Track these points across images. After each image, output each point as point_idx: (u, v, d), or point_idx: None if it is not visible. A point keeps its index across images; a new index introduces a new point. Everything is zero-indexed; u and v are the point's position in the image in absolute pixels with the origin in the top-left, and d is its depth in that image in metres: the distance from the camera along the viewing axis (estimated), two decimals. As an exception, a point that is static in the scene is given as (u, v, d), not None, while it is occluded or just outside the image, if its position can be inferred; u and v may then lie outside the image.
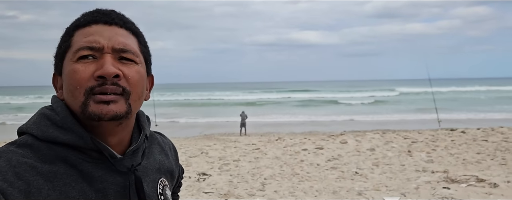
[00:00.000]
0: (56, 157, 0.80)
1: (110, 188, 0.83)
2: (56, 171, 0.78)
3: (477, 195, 5.88)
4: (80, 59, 0.82)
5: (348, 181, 7.11)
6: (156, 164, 0.98)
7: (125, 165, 0.87)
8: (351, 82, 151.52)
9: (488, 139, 10.90)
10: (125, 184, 0.85)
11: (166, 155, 1.05)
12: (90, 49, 0.82)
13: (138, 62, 0.87)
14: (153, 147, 1.02)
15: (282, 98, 48.19)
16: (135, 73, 0.85)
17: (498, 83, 78.05)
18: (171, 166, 1.05)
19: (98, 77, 0.80)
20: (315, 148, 10.25)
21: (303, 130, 17.63)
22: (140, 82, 0.86)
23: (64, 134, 0.81)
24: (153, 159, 0.98)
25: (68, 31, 0.88)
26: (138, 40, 0.91)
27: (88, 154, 0.83)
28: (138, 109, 0.90)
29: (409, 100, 39.81)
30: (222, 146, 11.03)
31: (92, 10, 0.89)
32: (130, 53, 0.85)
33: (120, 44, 0.84)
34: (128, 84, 0.83)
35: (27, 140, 0.81)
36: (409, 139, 11.22)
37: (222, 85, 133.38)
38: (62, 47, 0.87)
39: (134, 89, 0.84)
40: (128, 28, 0.89)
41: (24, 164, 0.76)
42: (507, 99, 38.06)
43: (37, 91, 64.39)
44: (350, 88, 68.71)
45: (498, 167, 7.93)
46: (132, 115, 0.87)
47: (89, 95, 0.80)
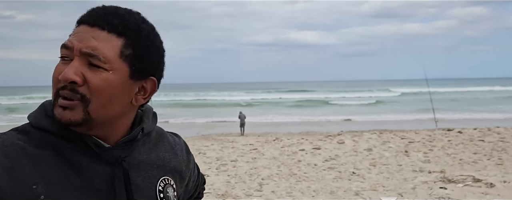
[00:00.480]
0: (47, 144, 0.84)
1: (97, 176, 0.85)
2: (44, 156, 0.82)
3: (474, 195, 5.90)
4: (61, 57, 0.84)
5: (345, 181, 7.12)
6: (159, 161, 0.97)
7: (114, 155, 0.87)
8: (349, 82, 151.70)
9: (485, 139, 10.93)
10: (113, 174, 0.86)
11: (174, 154, 1.03)
12: (66, 49, 0.83)
13: (108, 68, 0.82)
14: (160, 144, 1.01)
15: (280, 98, 48.21)
16: (99, 80, 0.81)
17: (495, 83, 78.32)
18: (179, 166, 1.03)
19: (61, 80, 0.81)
20: (313, 148, 10.26)
21: (300, 130, 17.65)
22: (104, 90, 0.82)
23: (52, 124, 0.85)
24: (156, 155, 0.97)
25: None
26: (123, 43, 0.84)
27: (75, 144, 0.85)
28: (111, 115, 0.86)
29: (407, 100, 39.90)
30: (219, 147, 11.03)
31: (94, 7, 0.87)
32: (97, 59, 0.81)
33: (88, 48, 0.81)
34: (89, 91, 0.81)
35: (26, 127, 0.86)
36: (406, 139, 11.25)
37: (220, 85, 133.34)
38: None
39: (96, 97, 0.81)
40: (112, 30, 0.83)
41: (16, 145, 0.82)
42: (503, 99, 38.20)
43: (34, 91, 64.21)
44: (348, 88, 68.81)
45: (495, 167, 7.96)
46: (99, 121, 0.84)
47: (57, 96, 0.82)
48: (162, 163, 0.98)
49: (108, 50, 0.82)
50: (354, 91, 60.93)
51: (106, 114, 0.84)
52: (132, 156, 0.91)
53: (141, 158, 0.93)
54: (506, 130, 12.34)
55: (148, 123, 0.97)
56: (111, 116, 0.86)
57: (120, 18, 0.84)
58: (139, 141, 0.94)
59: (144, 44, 0.86)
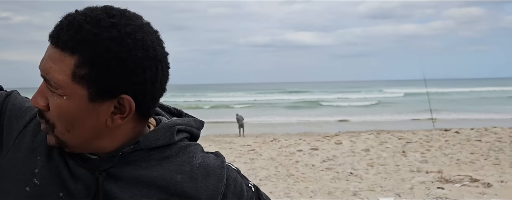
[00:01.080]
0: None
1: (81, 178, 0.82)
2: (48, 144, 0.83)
3: (471, 195, 5.92)
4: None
5: (343, 181, 7.12)
6: (161, 181, 0.83)
7: (96, 165, 0.81)
8: (346, 82, 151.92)
9: (482, 139, 10.96)
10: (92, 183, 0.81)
11: (192, 178, 0.85)
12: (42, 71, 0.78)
13: (60, 94, 0.74)
14: (174, 162, 0.86)
15: (277, 99, 48.23)
16: (55, 107, 0.76)
17: (491, 84, 78.60)
18: (195, 193, 0.84)
19: None
20: (310, 149, 10.27)
21: (298, 131, 17.65)
22: (61, 115, 0.76)
23: None
24: (160, 174, 0.83)
25: None
26: (77, 61, 0.72)
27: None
28: (80, 139, 0.79)
29: (404, 100, 39.99)
30: (217, 148, 11.02)
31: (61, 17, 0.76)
32: (49, 84, 0.75)
33: (43, 71, 0.75)
34: (50, 117, 0.77)
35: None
36: (404, 140, 11.27)
37: (217, 86, 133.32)
38: None
39: (56, 122, 0.77)
40: (65, 48, 0.72)
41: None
42: (500, 99, 38.34)
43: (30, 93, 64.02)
44: (345, 89, 68.91)
45: (492, 167, 7.98)
46: (74, 144, 0.80)
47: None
48: (166, 184, 0.83)
49: (58, 74, 0.73)
50: (351, 91, 61.03)
51: (75, 138, 0.78)
52: (124, 169, 0.82)
53: (136, 173, 0.82)
54: (503, 130, 12.38)
55: (150, 137, 0.83)
56: (83, 139, 0.79)
57: (76, 30, 0.72)
58: (134, 155, 0.83)
59: (103, 59, 0.72)
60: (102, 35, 0.71)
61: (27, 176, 0.82)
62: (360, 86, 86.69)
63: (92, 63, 0.72)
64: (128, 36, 0.73)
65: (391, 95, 50.91)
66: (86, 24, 0.72)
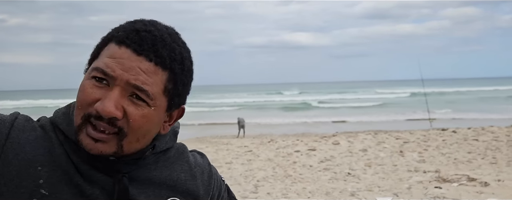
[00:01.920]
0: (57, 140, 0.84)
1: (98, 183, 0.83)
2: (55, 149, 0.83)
3: (469, 194, 5.93)
4: (93, 78, 0.78)
5: (340, 182, 7.13)
6: (170, 181, 0.90)
7: (116, 168, 0.84)
8: (343, 83, 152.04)
9: (479, 138, 10.99)
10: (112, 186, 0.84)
11: (192, 176, 0.95)
12: (104, 74, 0.76)
13: (151, 105, 0.78)
14: (177, 163, 0.94)
15: (275, 99, 48.24)
16: (140, 117, 0.78)
17: (488, 83, 78.82)
18: (195, 189, 0.94)
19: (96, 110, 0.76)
20: (308, 149, 10.27)
21: (295, 131, 17.65)
22: (143, 126, 0.79)
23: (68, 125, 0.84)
24: (169, 174, 0.91)
25: (104, 40, 0.82)
26: (168, 77, 0.79)
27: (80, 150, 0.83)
28: (139, 147, 0.84)
29: (402, 100, 40.06)
30: (214, 149, 11.01)
31: (135, 26, 0.79)
32: (145, 94, 0.77)
33: (137, 81, 0.76)
34: (127, 126, 0.77)
35: (45, 120, 0.87)
36: (401, 140, 11.29)
37: (214, 87, 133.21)
38: (93, 54, 0.83)
39: (133, 132, 0.78)
40: (159, 63, 0.77)
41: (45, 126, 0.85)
42: (496, 99, 38.45)
43: (25, 96, 63.86)
44: (342, 90, 68.99)
45: (489, 166, 8.00)
46: (128, 152, 0.82)
47: (85, 122, 0.78)
48: (174, 183, 0.91)
49: (156, 86, 0.78)
50: (348, 92, 61.11)
51: (137, 147, 0.82)
52: (138, 171, 0.87)
53: (149, 175, 0.88)
54: (500, 129, 12.42)
55: (162, 141, 0.91)
56: (140, 148, 0.84)
57: (168, 48, 0.79)
58: (147, 158, 0.88)
59: (185, 76, 0.83)
60: (185, 54, 0.83)
61: (30, 188, 0.79)
62: (357, 87, 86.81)
63: (179, 79, 0.81)
64: (191, 55, 0.86)
65: (387, 95, 50.98)
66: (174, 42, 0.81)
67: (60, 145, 0.83)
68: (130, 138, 0.79)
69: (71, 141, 0.83)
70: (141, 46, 0.77)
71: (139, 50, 0.76)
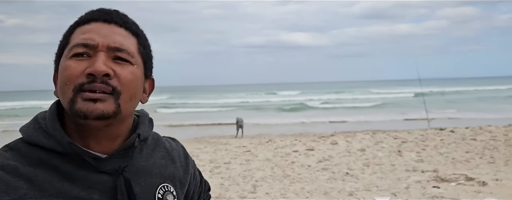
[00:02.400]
0: (40, 160, 0.82)
1: (95, 187, 0.83)
2: (38, 172, 0.80)
3: (467, 194, 5.94)
4: (74, 56, 0.82)
5: (339, 181, 7.13)
6: (156, 168, 0.95)
7: (112, 165, 0.86)
8: (342, 83, 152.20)
9: (477, 138, 11.01)
10: (113, 185, 0.85)
11: (171, 160, 1.01)
12: (85, 46, 0.82)
13: (133, 63, 0.86)
14: (156, 150, 0.99)
15: (272, 100, 48.23)
16: (128, 73, 0.84)
17: (485, 83, 78.96)
18: (177, 172, 1.01)
19: (88, 74, 0.80)
20: (306, 149, 10.27)
21: (293, 131, 17.66)
22: (133, 82, 0.85)
23: (47, 139, 0.83)
24: (153, 162, 0.96)
25: (70, 29, 0.88)
26: (137, 41, 0.89)
27: (69, 157, 0.83)
28: (131, 110, 0.89)
29: (399, 100, 40.09)
30: (212, 149, 11.00)
31: (95, 9, 0.89)
32: (125, 53, 0.84)
33: (115, 43, 0.84)
34: (120, 84, 0.82)
35: (18, 143, 0.85)
36: (399, 139, 11.29)
37: (212, 87, 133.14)
38: (62, 43, 0.88)
39: (126, 89, 0.83)
40: (128, 28, 0.88)
41: (8, 166, 0.79)
42: (494, 98, 38.52)
43: (22, 97, 63.68)
44: (339, 90, 69.03)
45: (487, 165, 8.01)
46: (123, 115, 0.85)
47: (78, 91, 0.80)
48: (160, 170, 0.96)
49: (131, 46, 0.87)
50: (346, 92, 61.15)
51: (129, 108, 0.87)
52: (130, 164, 0.89)
53: (137, 165, 0.91)
54: (498, 129, 12.44)
55: (144, 129, 0.95)
56: (129, 113, 0.88)
57: (130, 19, 0.90)
58: (136, 148, 0.92)
59: (148, 45, 0.94)
60: (142, 30, 0.93)
61: None
62: (355, 86, 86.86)
63: (145, 45, 0.92)
64: None
65: (385, 95, 51.02)
66: (129, 19, 0.91)
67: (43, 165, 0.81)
68: (124, 96, 0.83)
69: (57, 153, 0.83)
70: (109, 16, 0.87)
71: (109, 19, 0.86)
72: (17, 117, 28.32)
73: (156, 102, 43.34)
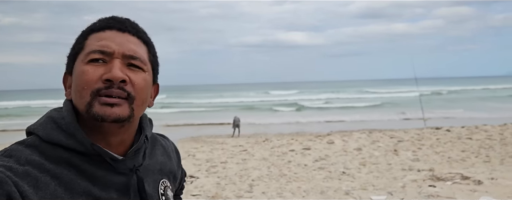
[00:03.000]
0: (61, 158, 0.84)
1: (113, 187, 0.87)
2: (62, 170, 0.83)
3: (462, 192, 5.96)
4: (90, 61, 0.86)
5: (335, 181, 7.14)
6: (158, 165, 1.02)
7: (127, 166, 0.91)
8: (339, 82, 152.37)
9: (472, 137, 11.06)
10: (127, 184, 0.90)
11: (168, 157, 1.09)
12: (101, 53, 0.86)
13: (145, 70, 0.91)
14: (155, 148, 1.06)
15: (269, 99, 48.23)
16: (142, 80, 0.89)
17: (481, 82, 79.23)
18: (173, 168, 1.09)
19: (105, 80, 0.84)
20: (302, 148, 10.28)
21: (290, 131, 17.67)
22: (145, 88, 0.90)
23: (67, 139, 0.85)
24: (155, 160, 1.02)
25: (83, 34, 0.92)
26: (148, 50, 0.94)
27: (90, 157, 0.86)
28: (141, 114, 0.94)
29: (396, 99, 40.18)
30: (209, 148, 11.00)
31: (108, 16, 0.93)
32: (139, 61, 0.89)
33: (130, 51, 0.88)
34: (134, 90, 0.87)
35: (35, 141, 0.85)
36: (395, 138, 11.33)
37: (209, 87, 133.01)
38: (76, 48, 0.91)
39: (139, 94, 0.88)
40: (140, 37, 0.93)
41: (32, 161, 0.81)
42: (490, 98, 38.67)
43: (19, 96, 63.38)
44: (335, 89, 69.10)
45: (482, 164, 8.05)
46: (135, 119, 0.91)
47: (95, 96, 0.84)
48: (160, 166, 1.03)
49: (144, 54, 0.92)
50: (342, 91, 61.22)
51: (140, 112, 0.92)
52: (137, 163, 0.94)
53: (145, 164, 0.97)
54: (493, 128, 12.50)
55: (149, 130, 1.01)
56: (139, 116, 0.94)
57: (140, 28, 0.95)
58: (146, 148, 0.98)
59: (156, 52, 0.99)
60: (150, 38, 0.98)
61: None
62: (352, 86, 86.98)
63: (154, 53, 0.97)
64: None
65: (382, 95, 51.10)
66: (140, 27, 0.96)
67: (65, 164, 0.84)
68: (138, 101, 0.88)
69: (79, 152, 0.86)
70: (123, 25, 0.91)
71: (123, 28, 0.91)
72: (8, 117, 28.17)
73: (156, 102, 43.15)
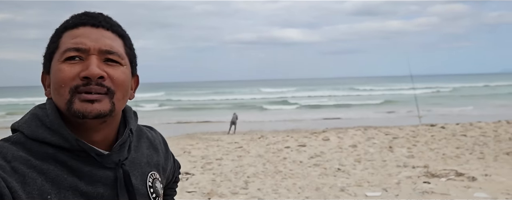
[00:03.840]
0: (47, 154, 0.84)
1: (100, 182, 0.87)
2: (49, 166, 0.83)
3: (456, 189, 6.00)
4: (66, 59, 0.86)
5: (330, 177, 7.16)
6: (144, 158, 1.02)
7: (113, 160, 0.91)
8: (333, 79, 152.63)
9: (467, 134, 11.11)
10: (114, 178, 0.90)
11: (155, 149, 1.08)
12: (77, 50, 0.86)
13: (123, 63, 0.91)
14: (141, 141, 1.05)
15: (264, 96, 48.25)
16: (120, 73, 0.89)
17: (476, 80, 79.60)
18: (160, 160, 1.08)
19: (83, 77, 0.84)
20: (298, 145, 10.30)
21: (285, 127, 17.68)
22: (125, 82, 0.90)
23: (52, 136, 0.85)
24: (141, 153, 1.02)
25: (57, 32, 0.91)
26: (124, 42, 0.94)
27: (75, 153, 0.86)
28: (123, 107, 0.94)
29: (392, 97, 40.32)
30: (204, 145, 10.99)
31: (80, 12, 0.92)
32: (116, 55, 0.89)
33: (106, 46, 0.88)
34: (113, 84, 0.87)
35: (20, 138, 0.85)
36: (390, 135, 11.37)
37: (204, 84, 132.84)
38: (51, 47, 0.91)
39: (119, 89, 0.88)
40: (115, 31, 0.93)
41: (20, 157, 0.81)
42: (484, 95, 38.88)
43: (12, 93, 63.06)
44: (331, 86, 69.20)
45: (476, 161, 8.10)
46: (117, 113, 0.91)
47: (74, 93, 0.84)
48: (147, 159, 1.03)
49: (120, 47, 0.92)
50: (338, 88, 61.34)
51: (121, 106, 0.92)
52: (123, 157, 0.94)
53: (131, 157, 0.97)
54: (487, 125, 12.57)
55: (133, 123, 1.01)
56: (121, 109, 0.94)
57: (114, 21, 0.95)
58: (131, 142, 0.98)
59: (132, 44, 0.98)
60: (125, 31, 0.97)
61: None
62: (347, 83, 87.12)
63: (130, 46, 0.96)
64: None
65: (377, 92, 51.25)
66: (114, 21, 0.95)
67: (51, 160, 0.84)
68: (118, 95, 0.88)
69: (65, 149, 0.85)
70: (96, 20, 0.90)
71: (96, 23, 0.90)
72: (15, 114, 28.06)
73: (151, 99, 43.19)
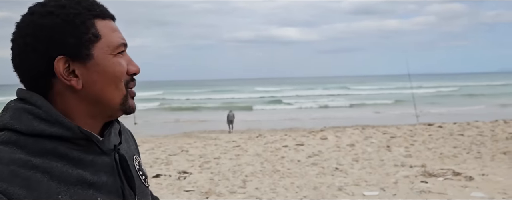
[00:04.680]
0: (45, 150, 0.78)
1: (102, 170, 0.85)
2: (50, 163, 0.77)
3: (454, 188, 6.01)
4: (120, 53, 0.87)
5: (328, 176, 7.16)
6: (126, 143, 1.02)
7: (107, 145, 0.89)
8: (332, 78, 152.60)
9: (464, 133, 11.14)
10: (112, 164, 0.88)
11: (127, 141, 1.06)
12: (124, 46, 0.88)
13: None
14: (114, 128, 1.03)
15: (262, 94, 48.24)
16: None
17: (474, 79, 79.76)
18: (133, 149, 1.07)
19: (132, 74, 0.88)
20: (296, 144, 10.30)
21: (283, 126, 17.70)
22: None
23: (50, 127, 0.79)
24: (124, 138, 1.01)
25: (86, 17, 0.82)
26: None
27: (75, 143, 0.82)
28: None
29: (389, 95, 40.37)
30: (202, 144, 10.99)
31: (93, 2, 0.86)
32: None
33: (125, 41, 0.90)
34: None
35: (11, 137, 0.77)
36: (388, 135, 11.38)
37: (202, 82, 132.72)
38: (84, 32, 0.81)
39: None
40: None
41: (18, 160, 0.74)
42: (482, 94, 38.95)
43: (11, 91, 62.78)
44: (330, 85, 69.27)
45: (474, 160, 8.12)
46: None
47: (126, 89, 0.87)
48: (128, 144, 1.02)
49: None
50: (336, 87, 61.40)
51: None
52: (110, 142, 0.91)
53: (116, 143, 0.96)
54: (485, 124, 12.60)
55: None
56: None
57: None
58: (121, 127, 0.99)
59: None
60: None
61: None
62: (345, 81, 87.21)
63: None
64: None
65: (375, 91, 51.31)
66: None
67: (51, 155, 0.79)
68: None
69: (62, 140, 0.80)
70: (108, 12, 0.89)
71: (113, 17, 0.90)
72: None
73: (149, 98, 43.15)
